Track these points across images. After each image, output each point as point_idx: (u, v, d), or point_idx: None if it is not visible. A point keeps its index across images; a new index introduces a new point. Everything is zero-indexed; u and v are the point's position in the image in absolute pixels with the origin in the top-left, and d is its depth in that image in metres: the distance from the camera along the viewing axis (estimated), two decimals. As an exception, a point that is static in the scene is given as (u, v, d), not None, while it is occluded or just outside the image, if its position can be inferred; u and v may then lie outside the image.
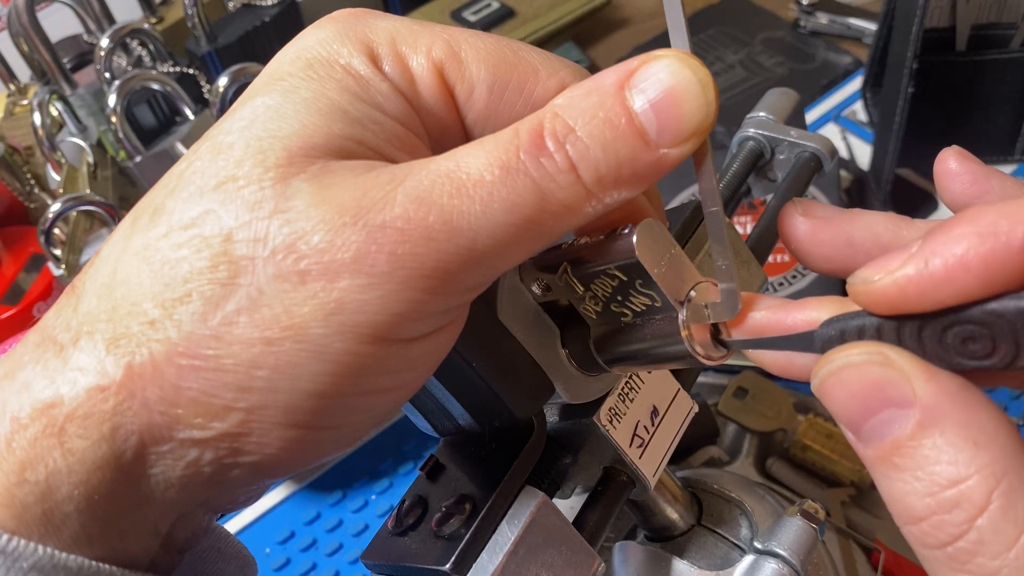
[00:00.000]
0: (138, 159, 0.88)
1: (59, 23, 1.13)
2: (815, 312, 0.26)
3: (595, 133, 0.24)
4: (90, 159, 0.94)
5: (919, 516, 0.21)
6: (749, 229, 0.50)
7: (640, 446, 0.39)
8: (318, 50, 0.27)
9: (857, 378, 0.23)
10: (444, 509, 0.33)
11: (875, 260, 0.23)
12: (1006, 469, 0.21)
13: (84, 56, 1.14)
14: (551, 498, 0.36)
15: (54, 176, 0.95)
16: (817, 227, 0.30)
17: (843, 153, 0.91)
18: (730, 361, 0.29)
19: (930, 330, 0.22)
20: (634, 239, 0.28)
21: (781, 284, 0.76)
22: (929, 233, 0.22)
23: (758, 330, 0.27)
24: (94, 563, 0.25)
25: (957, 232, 0.21)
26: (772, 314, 0.27)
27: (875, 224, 0.29)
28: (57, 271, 0.85)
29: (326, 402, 0.25)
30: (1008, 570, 0.20)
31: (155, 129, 0.94)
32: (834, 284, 0.74)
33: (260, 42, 1.03)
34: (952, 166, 0.30)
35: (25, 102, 1.06)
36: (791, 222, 0.30)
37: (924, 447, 0.21)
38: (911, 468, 0.21)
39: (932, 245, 0.22)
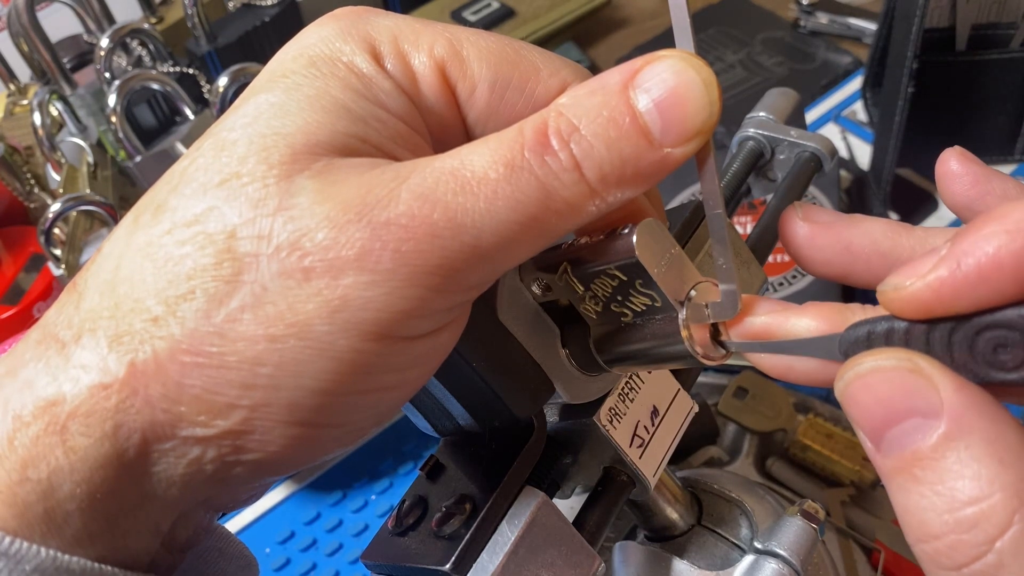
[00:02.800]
0: (138, 159, 0.88)
1: (59, 23, 1.13)
2: (813, 321, 0.26)
3: (599, 132, 0.25)
4: (90, 159, 0.94)
5: (934, 534, 0.21)
6: (749, 229, 0.50)
7: (640, 446, 0.39)
8: (320, 48, 0.27)
9: (885, 383, 0.22)
10: (444, 509, 0.33)
11: (903, 266, 0.23)
12: None
13: (84, 56, 1.14)
14: (551, 498, 0.36)
15: (54, 176, 0.95)
16: (816, 232, 0.30)
17: (843, 153, 0.91)
18: (730, 361, 0.29)
19: (961, 334, 0.22)
20: (634, 239, 0.28)
21: (781, 284, 0.76)
22: (957, 235, 0.22)
23: (757, 335, 0.27)
24: (96, 564, 0.25)
25: (987, 231, 0.21)
26: (771, 320, 0.27)
27: (874, 231, 0.29)
28: (57, 271, 0.85)
29: (329, 400, 0.25)
30: None
31: (155, 129, 0.94)
32: (833, 286, 0.74)
33: (260, 42, 1.03)
34: (954, 167, 0.30)
35: (25, 102, 1.06)
36: (791, 226, 0.30)
37: (948, 460, 0.20)
38: (931, 482, 0.21)
39: (962, 246, 0.21)
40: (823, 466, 0.63)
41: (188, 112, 0.91)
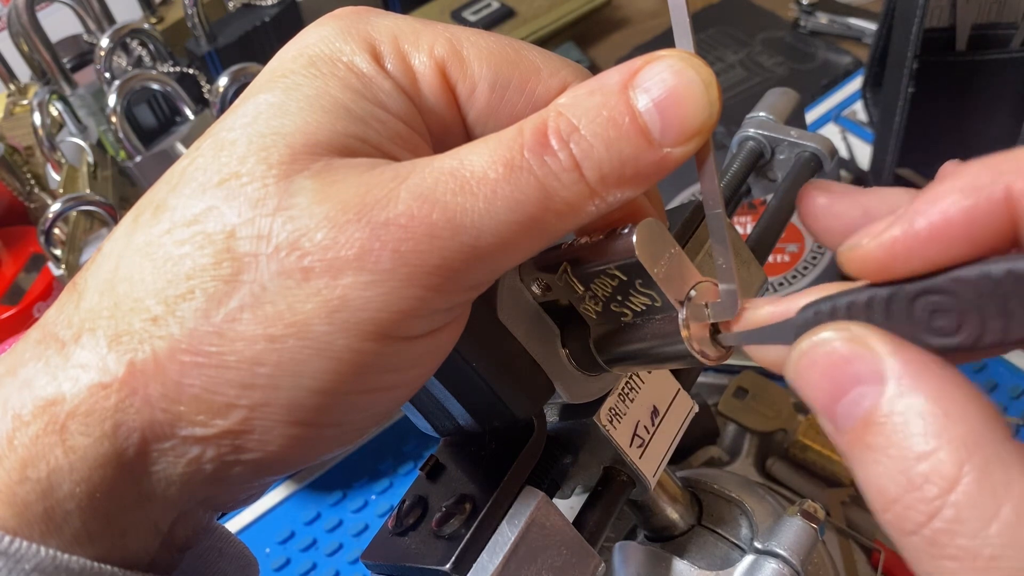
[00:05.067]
0: (138, 159, 0.88)
1: (59, 23, 1.13)
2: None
3: (599, 132, 0.25)
4: (90, 159, 0.94)
5: (892, 498, 0.20)
6: (749, 229, 0.50)
7: (640, 446, 0.39)
8: (320, 47, 0.27)
9: (826, 357, 0.22)
10: (444, 509, 0.33)
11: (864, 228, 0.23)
12: (979, 440, 0.19)
13: (84, 56, 1.14)
14: (551, 498, 0.36)
15: (54, 176, 0.95)
16: (834, 200, 0.30)
17: (843, 153, 0.91)
18: (730, 361, 0.29)
19: (898, 303, 0.22)
20: (634, 239, 0.28)
21: (781, 284, 0.76)
22: (914, 197, 0.22)
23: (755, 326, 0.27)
24: (95, 564, 0.25)
25: (940, 190, 0.21)
26: (774, 309, 0.27)
27: (892, 196, 0.29)
28: (57, 271, 0.85)
29: (328, 399, 0.25)
30: (991, 549, 0.18)
31: (155, 129, 0.94)
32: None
33: (260, 42, 1.03)
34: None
35: (25, 102, 1.06)
36: (809, 197, 0.30)
37: (895, 420, 0.20)
38: (883, 446, 0.20)
39: (917, 205, 0.21)
40: (823, 466, 0.63)
41: (188, 112, 0.91)
